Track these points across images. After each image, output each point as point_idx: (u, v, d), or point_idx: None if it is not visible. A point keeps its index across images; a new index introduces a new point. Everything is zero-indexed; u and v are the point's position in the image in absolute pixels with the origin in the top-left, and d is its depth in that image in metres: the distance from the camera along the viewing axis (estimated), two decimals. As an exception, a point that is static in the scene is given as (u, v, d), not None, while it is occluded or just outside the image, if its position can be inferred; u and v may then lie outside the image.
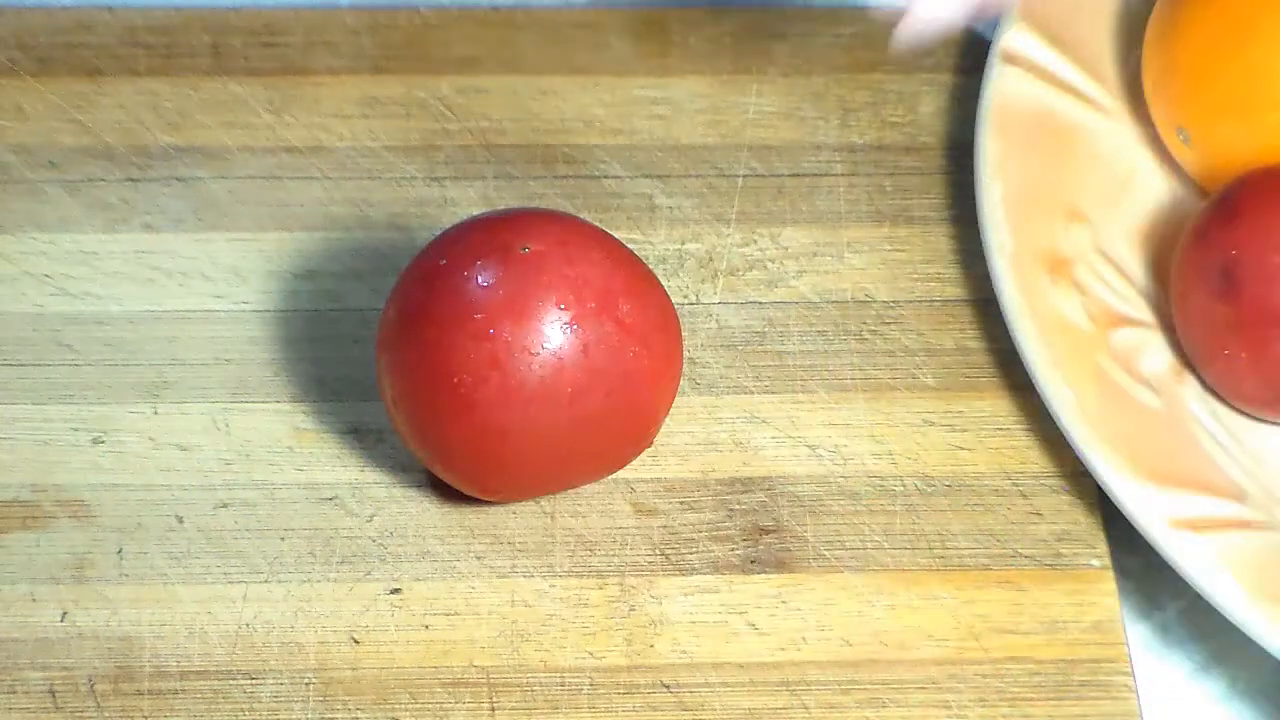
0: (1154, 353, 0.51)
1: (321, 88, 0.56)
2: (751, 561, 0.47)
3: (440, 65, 0.57)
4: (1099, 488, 0.48)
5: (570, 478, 0.47)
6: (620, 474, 0.48)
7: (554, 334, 0.43)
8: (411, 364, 0.44)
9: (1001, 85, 0.54)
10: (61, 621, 0.46)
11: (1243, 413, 0.50)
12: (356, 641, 0.46)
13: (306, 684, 0.45)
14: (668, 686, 0.45)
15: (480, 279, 0.43)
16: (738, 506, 0.48)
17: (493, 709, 0.45)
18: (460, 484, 0.46)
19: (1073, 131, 0.54)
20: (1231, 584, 0.45)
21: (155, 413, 0.50)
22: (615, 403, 0.44)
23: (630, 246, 0.46)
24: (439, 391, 0.44)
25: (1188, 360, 0.50)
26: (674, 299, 0.44)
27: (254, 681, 0.45)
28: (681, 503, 0.48)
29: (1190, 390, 0.50)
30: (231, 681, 0.45)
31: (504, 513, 0.48)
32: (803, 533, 0.48)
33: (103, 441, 0.49)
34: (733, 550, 0.48)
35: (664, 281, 0.48)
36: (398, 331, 0.45)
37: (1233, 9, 0.51)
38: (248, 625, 0.46)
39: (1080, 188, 0.53)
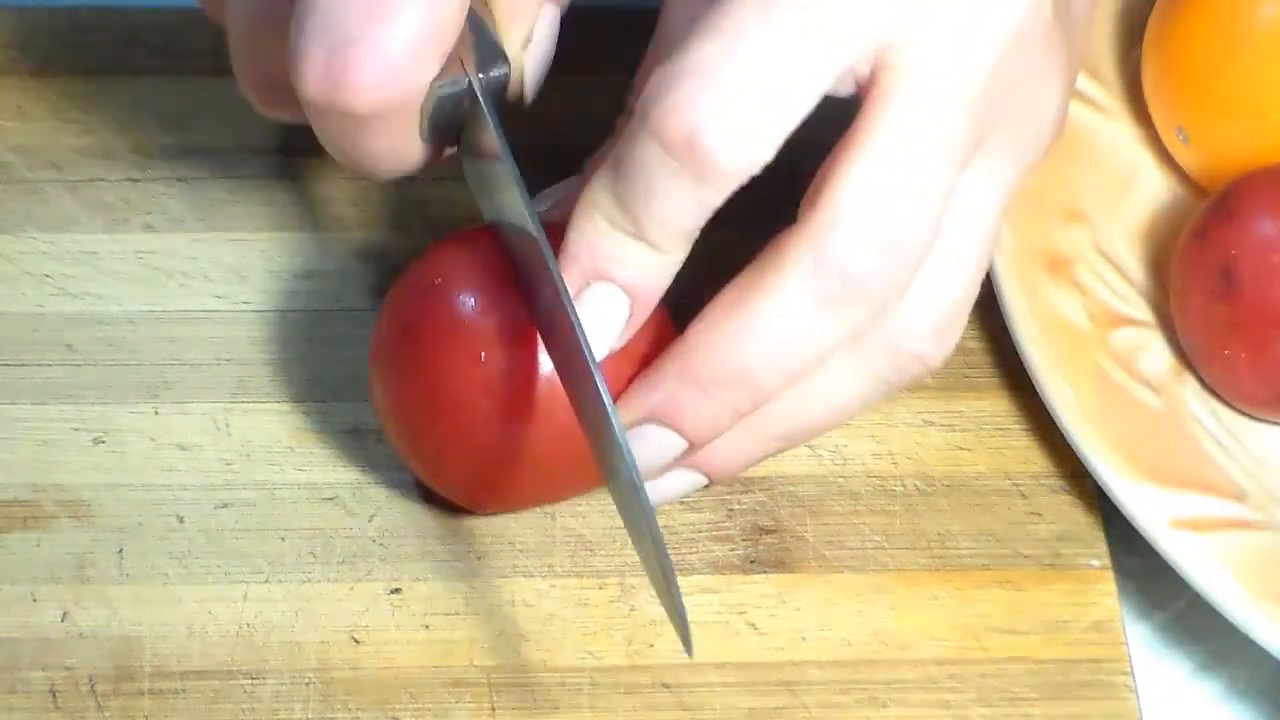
0: (1154, 353, 0.51)
1: (322, 88, 0.56)
2: (751, 561, 0.47)
3: (440, 65, 0.57)
4: (1099, 488, 0.48)
5: (562, 495, 0.46)
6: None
7: (547, 358, 0.42)
8: (402, 382, 0.43)
9: (1001, 85, 0.54)
10: (62, 621, 0.46)
11: (1243, 413, 0.50)
12: (357, 641, 0.46)
13: (307, 684, 0.45)
14: (668, 686, 0.45)
15: (473, 301, 0.43)
16: (738, 506, 0.48)
17: (493, 709, 0.45)
18: (451, 498, 0.46)
19: (1073, 131, 0.53)
20: (1231, 584, 0.45)
21: (156, 413, 0.49)
22: None
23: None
24: (428, 414, 0.43)
25: (1188, 360, 0.50)
26: (674, 299, 0.44)
27: (254, 681, 0.45)
28: (681, 502, 0.48)
29: (1190, 390, 0.50)
30: (232, 681, 0.45)
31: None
32: (803, 533, 0.48)
33: (103, 441, 0.49)
34: (733, 550, 0.48)
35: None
36: (390, 348, 0.44)
37: (1232, 10, 0.51)
38: (248, 625, 0.46)
39: (1080, 188, 0.53)
